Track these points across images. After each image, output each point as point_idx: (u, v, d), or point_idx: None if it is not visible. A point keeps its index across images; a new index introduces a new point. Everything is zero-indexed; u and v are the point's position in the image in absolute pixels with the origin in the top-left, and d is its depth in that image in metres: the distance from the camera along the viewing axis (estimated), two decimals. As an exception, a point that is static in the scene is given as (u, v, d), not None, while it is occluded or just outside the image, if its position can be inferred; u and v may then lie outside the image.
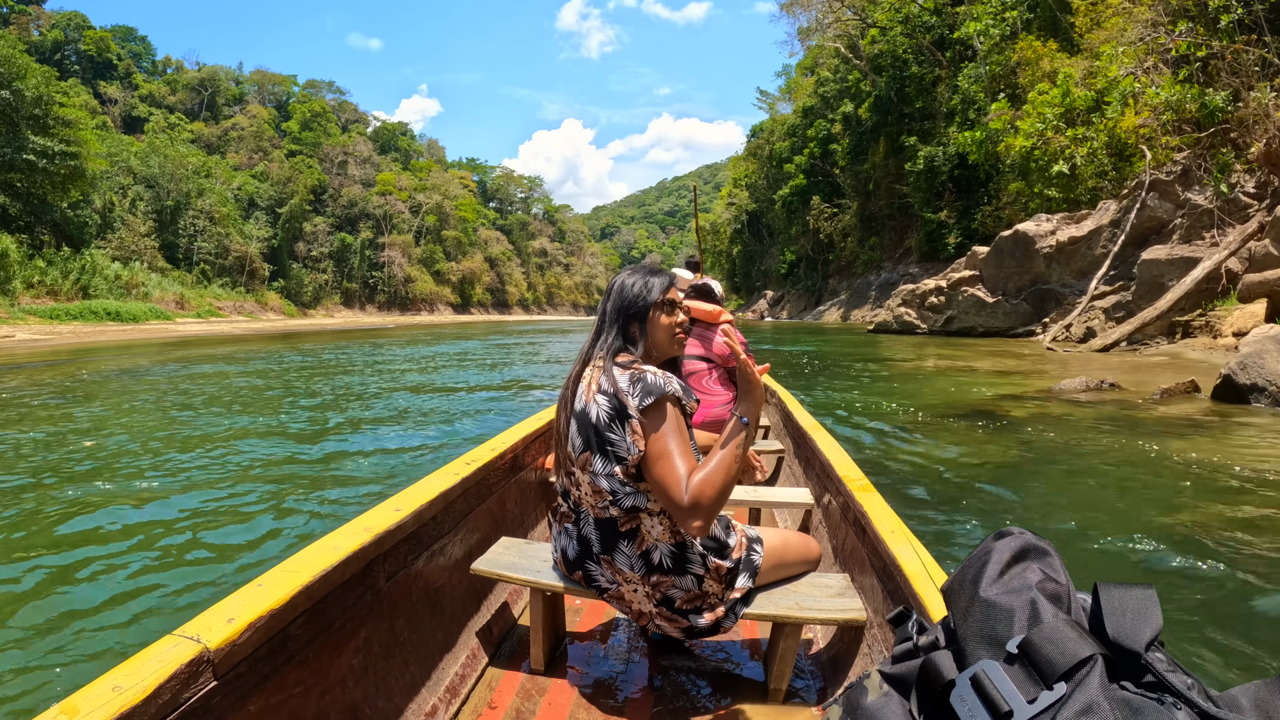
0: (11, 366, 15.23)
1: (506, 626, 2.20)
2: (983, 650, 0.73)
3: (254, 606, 1.26)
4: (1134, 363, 12.68)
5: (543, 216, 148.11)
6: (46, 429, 7.36)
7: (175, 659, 1.08)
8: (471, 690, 1.85)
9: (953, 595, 0.83)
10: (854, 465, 2.60)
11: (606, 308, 1.80)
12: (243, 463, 5.76)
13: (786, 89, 72.21)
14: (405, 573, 1.82)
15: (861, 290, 48.01)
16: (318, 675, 1.43)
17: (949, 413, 7.99)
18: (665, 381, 1.64)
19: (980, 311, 21.44)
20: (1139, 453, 5.64)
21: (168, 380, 12.40)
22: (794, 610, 1.77)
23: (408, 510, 1.83)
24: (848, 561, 2.24)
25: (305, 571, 1.42)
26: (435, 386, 11.72)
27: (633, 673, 1.95)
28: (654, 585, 1.70)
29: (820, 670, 1.98)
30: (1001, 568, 0.79)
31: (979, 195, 36.86)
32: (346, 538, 1.60)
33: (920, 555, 1.69)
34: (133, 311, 40.90)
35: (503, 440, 2.72)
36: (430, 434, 7.19)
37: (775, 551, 1.88)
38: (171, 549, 3.76)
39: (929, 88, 41.44)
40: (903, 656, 0.84)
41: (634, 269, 1.84)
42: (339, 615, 1.52)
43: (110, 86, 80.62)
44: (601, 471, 1.67)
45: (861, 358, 16.00)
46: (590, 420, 1.68)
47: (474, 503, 2.31)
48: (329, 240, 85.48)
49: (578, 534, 1.78)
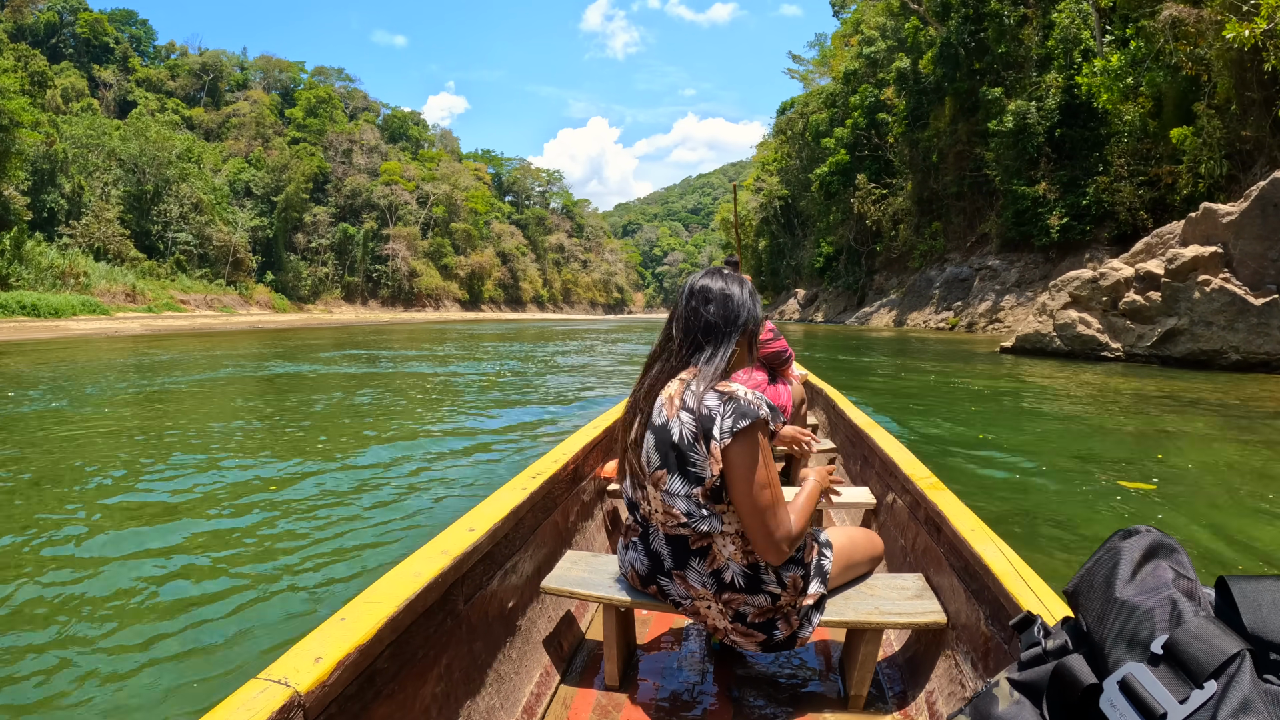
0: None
1: (575, 642, 2.16)
2: (1124, 653, 0.73)
3: (340, 643, 1.20)
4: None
5: (561, 211, 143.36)
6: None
7: (266, 706, 1.02)
8: (547, 709, 1.82)
9: (1081, 597, 0.83)
10: (919, 463, 2.53)
11: (705, 316, 1.67)
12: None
13: (821, 60, 64.15)
14: (481, 594, 1.79)
15: (920, 288, 39.97)
16: (404, 709, 1.39)
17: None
18: (758, 405, 1.57)
19: (1236, 321, 12.00)
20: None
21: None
22: (874, 615, 1.73)
23: (482, 530, 1.78)
24: (919, 561, 2.20)
25: (389, 602, 1.37)
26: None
27: (708, 684, 1.93)
28: (725, 603, 1.66)
29: (898, 674, 1.96)
30: (1133, 567, 0.79)
31: (1090, 161, 28.89)
32: (425, 562, 1.56)
33: (1007, 554, 1.65)
34: (55, 305, 34.90)
35: (564, 451, 2.65)
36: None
37: (844, 552, 1.83)
38: (221, 571, 3.43)
39: (1012, 30, 33.44)
40: (1031, 662, 0.84)
41: (729, 277, 1.72)
42: (422, 644, 1.49)
43: (105, 70, 77.95)
44: (679, 492, 1.61)
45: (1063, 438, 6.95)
46: (671, 438, 1.61)
47: (540, 517, 2.25)
48: (330, 231, 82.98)
49: (646, 549, 1.75)
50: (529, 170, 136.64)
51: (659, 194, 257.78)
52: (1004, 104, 32.31)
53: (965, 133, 37.35)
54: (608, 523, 2.94)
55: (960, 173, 38.42)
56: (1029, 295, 30.06)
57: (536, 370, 14.51)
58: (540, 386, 11.72)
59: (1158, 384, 10.57)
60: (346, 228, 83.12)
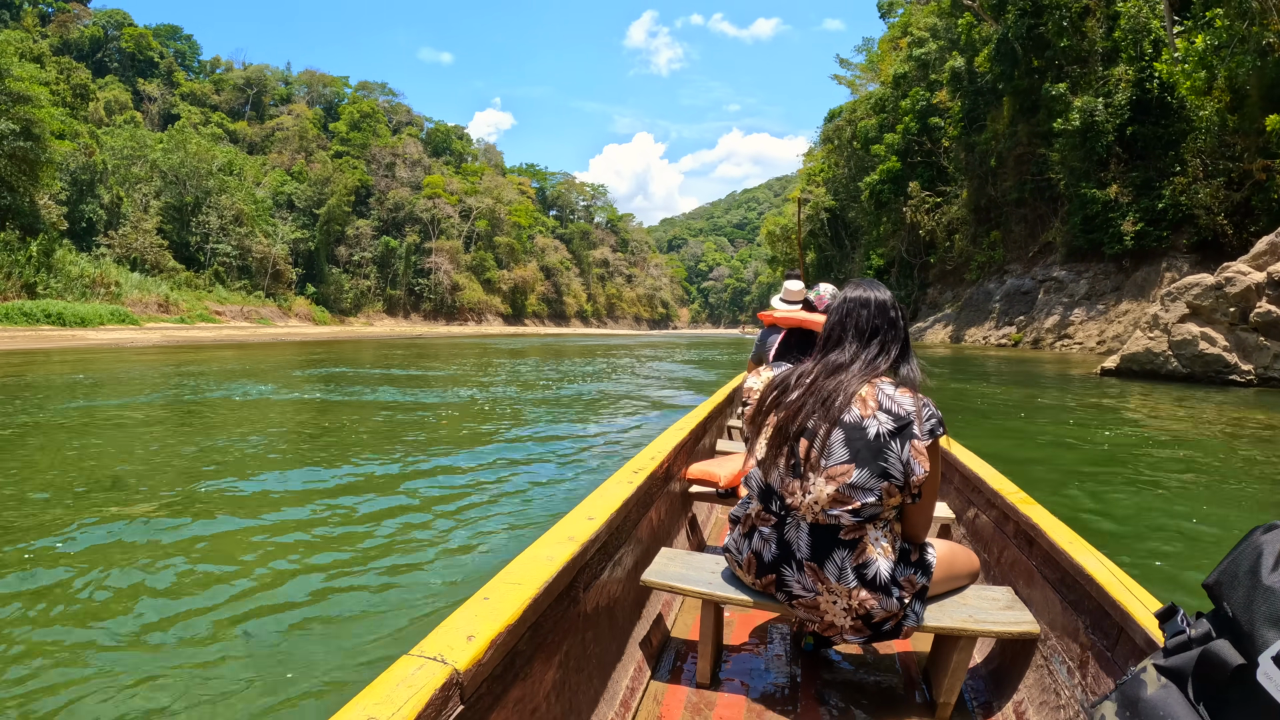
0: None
1: (663, 638, 2.17)
2: (1274, 632, 0.79)
3: (490, 623, 1.21)
4: None
5: (605, 226, 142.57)
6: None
7: (428, 683, 1.01)
8: (640, 703, 1.82)
9: (1224, 588, 0.89)
10: (1004, 478, 2.51)
11: (897, 321, 1.84)
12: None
13: (868, 65, 61.27)
14: (596, 583, 1.80)
15: (978, 302, 36.90)
16: (532, 692, 1.39)
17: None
18: (939, 414, 1.73)
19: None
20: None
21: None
22: (967, 623, 1.74)
23: (600, 519, 1.80)
24: (1007, 574, 2.20)
25: (529, 584, 1.38)
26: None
27: (797, 687, 1.93)
28: (860, 601, 1.69)
29: (982, 685, 1.95)
30: (1277, 557, 0.85)
31: (1166, 160, 25.79)
32: (555, 547, 1.58)
33: (1107, 565, 1.66)
34: (82, 314, 34.49)
35: (659, 449, 2.69)
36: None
37: (945, 560, 1.86)
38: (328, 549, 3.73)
39: (1074, 21, 30.42)
40: (1176, 649, 0.90)
41: (879, 286, 1.90)
42: (551, 629, 1.50)
43: (149, 85, 79.88)
44: (863, 484, 1.67)
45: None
46: (867, 435, 1.69)
47: (641, 513, 2.27)
48: (373, 245, 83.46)
49: (778, 537, 1.77)
50: (573, 184, 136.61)
51: (704, 209, 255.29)
52: (1069, 100, 29.27)
53: (1026, 134, 34.24)
54: (688, 525, 2.97)
55: (1021, 177, 35.23)
56: (1100, 308, 27.08)
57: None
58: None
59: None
60: (389, 241, 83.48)
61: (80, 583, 3.29)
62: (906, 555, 1.75)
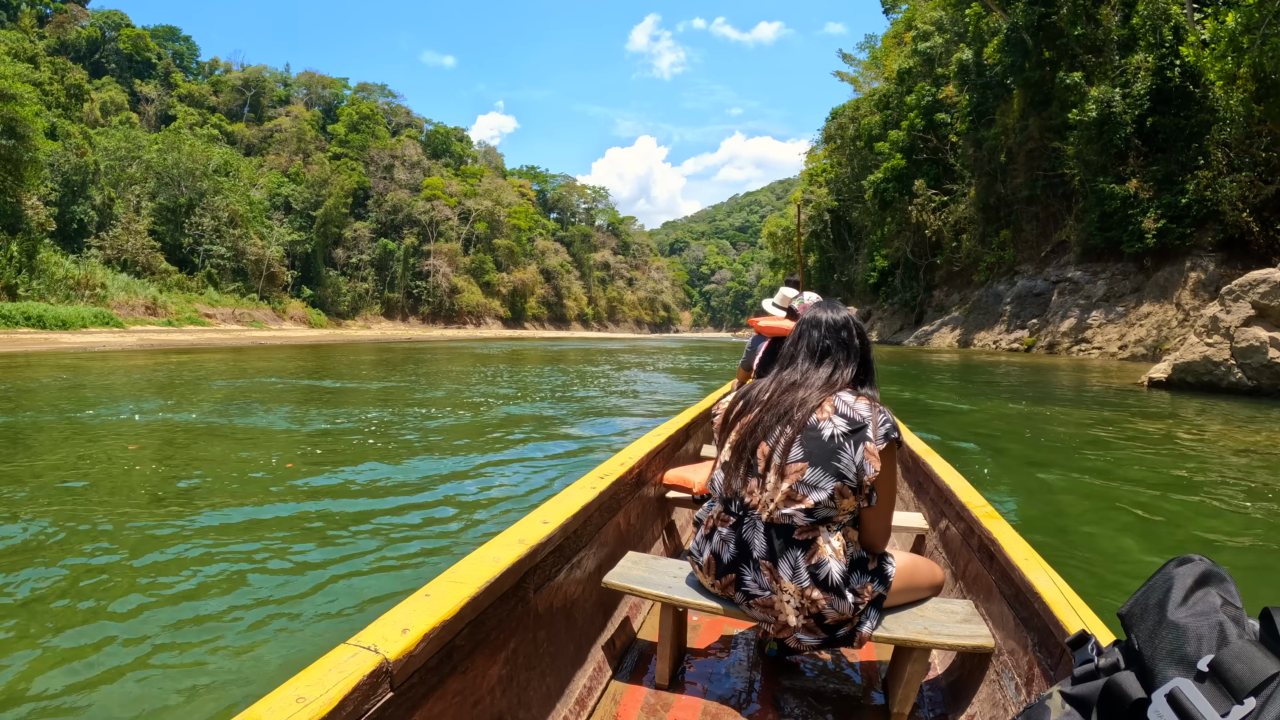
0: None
1: (628, 641, 2.21)
2: (1173, 669, 0.78)
3: (426, 617, 1.27)
4: None
5: (607, 228, 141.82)
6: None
7: (357, 670, 1.07)
8: (597, 703, 1.86)
9: (1134, 619, 0.88)
10: (975, 491, 2.49)
11: (850, 342, 1.89)
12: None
13: (872, 61, 60.13)
14: (549, 585, 1.84)
15: (987, 304, 35.69)
16: (473, 685, 1.45)
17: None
18: (897, 424, 1.77)
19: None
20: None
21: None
22: (923, 635, 1.75)
23: (555, 523, 1.84)
24: (970, 588, 2.21)
25: (470, 583, 1.43)
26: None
27: (754, 691, 1.95)
28: (811, 601, 1.70)
29: (940, 696, 1.97)
30: (1185, 593, 0.84)
31: (1189, 153, 24.59)
32: (503, 549, 1.63)
33: (1057, 583, 1.65)
34: (63, 316, 33.44)
35: (630, 455, 2.71)
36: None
37: (906, 571, 1.86)
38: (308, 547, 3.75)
39: (1088, 9, 29.27)
40: (1084, 678, 0.89)
41: (836, 307, 1.98)
42: (495, 626, 1.55)
43: (147, 86, 78.96)
44: (816, 483, 1.70)
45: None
46: (822, 436, 1.73)
47: (605, 517, 2.31)
48: (370, 247, 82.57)
49: (736, 537, 1.79)
50: (574, 187, 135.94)
51: (706, 212, 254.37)
52: (1084, 91, 28.10)
53: (1037, 128, 33.06)
54: (664, 530, 2.99)
55: (1032, 173, 34.03)
56: (1120, 310, 25.87)
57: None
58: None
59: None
60: (387, 243, 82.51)
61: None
62: (864, 563, 1.76)
